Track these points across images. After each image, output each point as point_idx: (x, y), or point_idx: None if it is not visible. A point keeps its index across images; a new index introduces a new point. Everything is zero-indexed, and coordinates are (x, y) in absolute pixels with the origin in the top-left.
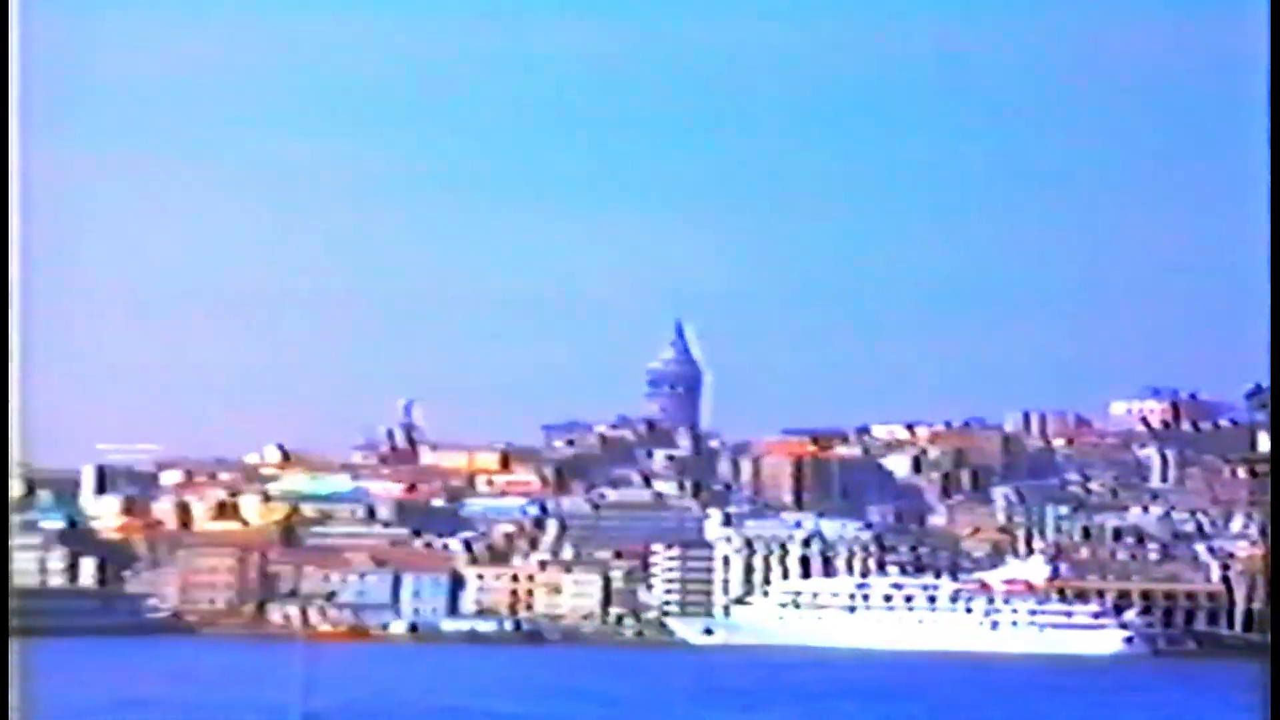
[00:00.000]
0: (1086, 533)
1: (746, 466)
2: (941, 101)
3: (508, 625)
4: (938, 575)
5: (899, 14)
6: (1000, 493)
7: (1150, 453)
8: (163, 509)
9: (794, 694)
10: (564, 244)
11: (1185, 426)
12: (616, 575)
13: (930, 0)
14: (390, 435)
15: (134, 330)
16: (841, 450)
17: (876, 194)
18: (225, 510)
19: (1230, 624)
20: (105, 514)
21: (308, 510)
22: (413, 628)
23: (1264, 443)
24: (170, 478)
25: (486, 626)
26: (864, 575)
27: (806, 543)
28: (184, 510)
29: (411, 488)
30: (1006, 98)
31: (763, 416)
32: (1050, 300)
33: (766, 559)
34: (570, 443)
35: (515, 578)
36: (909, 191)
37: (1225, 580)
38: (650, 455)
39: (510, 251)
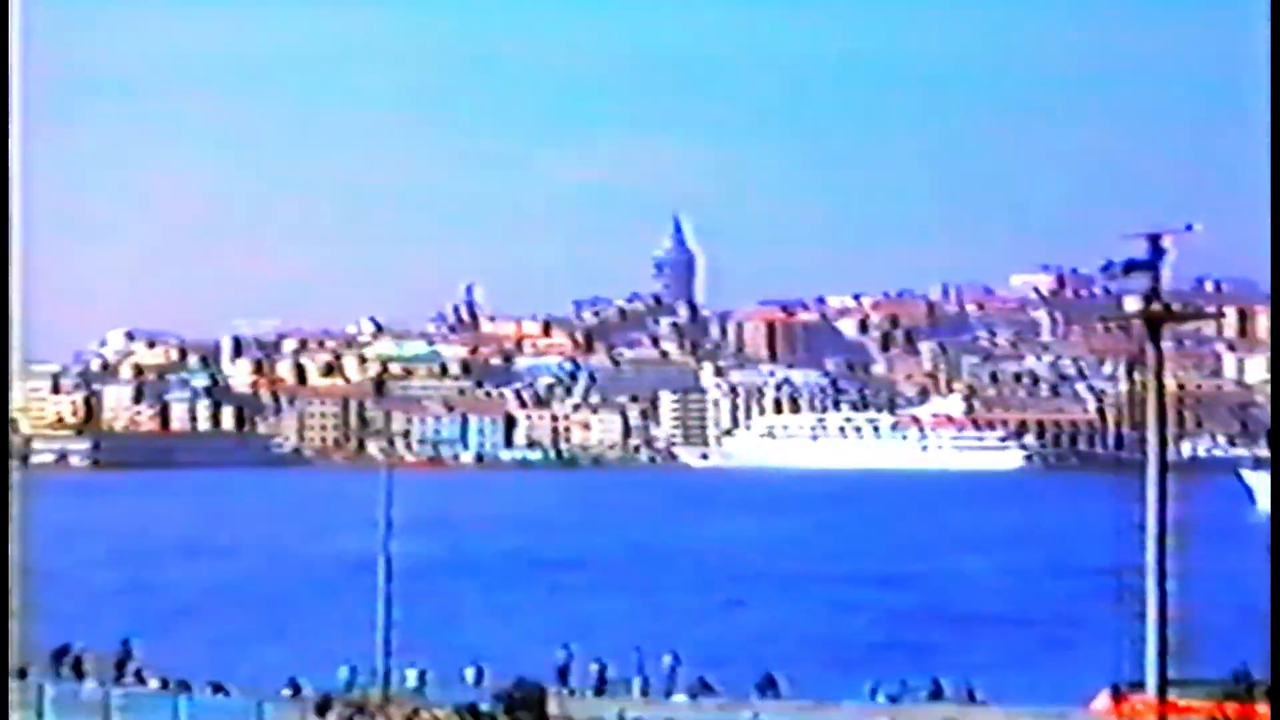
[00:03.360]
0: (994, 376)
1: (731, 330)
2: None
3: (550, 454)
4: (879, 411)
5: None
6: (927, 347)
7: (1041, 315)
8: (284, 369)
9: (771, 501)
10: (590, 156)
11: (1068, 294)
12: (633, 415)
13: None
14: (456, 310)
15: (264, 228)
16: (804, 316)
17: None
18: (331, 370)
19: (1104, 445)
20: (239, 374)
21: (394, 369)
22: (479, 458)
23: (1129, 305)
24: (289, 345)
25: (534, 455)
26: (823, 412)
27: (778, 388)
28: (300, 370)
29: (474, 350)
30: None
31: (743, 291)
32: (962, 187)
33: (748, 401)
34: (595, 314)
35: (555, 418)
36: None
37: (1100, 411)
38: (657, 323)
39: (551, 161)
